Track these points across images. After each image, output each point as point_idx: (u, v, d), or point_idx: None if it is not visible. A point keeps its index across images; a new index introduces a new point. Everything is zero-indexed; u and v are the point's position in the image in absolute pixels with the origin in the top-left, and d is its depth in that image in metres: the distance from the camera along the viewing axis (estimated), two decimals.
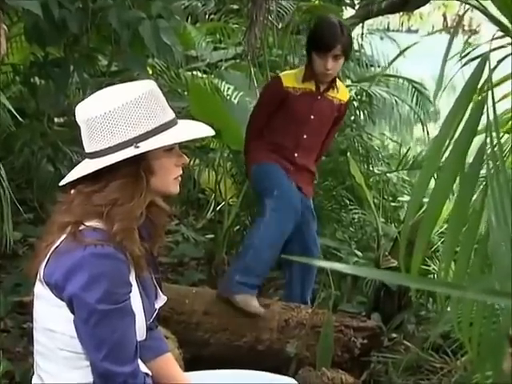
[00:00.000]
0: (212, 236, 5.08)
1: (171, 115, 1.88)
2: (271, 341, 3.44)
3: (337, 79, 3.59)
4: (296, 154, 3.58)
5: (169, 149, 1.86)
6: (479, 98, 1.00)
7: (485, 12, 1.32)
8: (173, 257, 4.95)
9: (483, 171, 0.98)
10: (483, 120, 1.03)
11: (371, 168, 5.23)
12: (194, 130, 1.92)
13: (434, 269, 3.64)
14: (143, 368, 1.94)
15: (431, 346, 3.52)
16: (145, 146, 1.79)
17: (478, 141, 1.01)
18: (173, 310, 3.52)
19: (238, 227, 4.96)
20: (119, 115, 1.79)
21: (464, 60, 1.46)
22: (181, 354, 3.16)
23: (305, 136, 3.57)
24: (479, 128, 1.03)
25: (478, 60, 1.06)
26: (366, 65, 6.19)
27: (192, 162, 5.10)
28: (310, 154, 3.64)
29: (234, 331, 3.50)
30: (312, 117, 3.54)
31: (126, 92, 1.83)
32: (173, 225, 5.47)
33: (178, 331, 3.39)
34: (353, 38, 3.65)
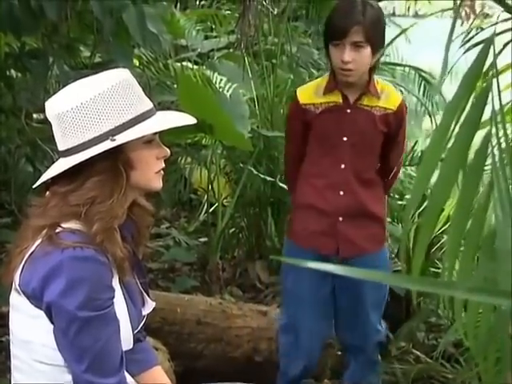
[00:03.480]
0: (205, 239, 5.08)
1: (149, 105, 1.88)
2: (270, 351, 3.43)
3: (376, 81, 2.90)
4: (341, 192, 2.90)
5: (148, 141, 1.86)
6: (484, 85, 1.01)
7: None
8: (163, 262, 4.95)
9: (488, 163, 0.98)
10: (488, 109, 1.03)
11: None
12: (174, 118, 1.92)
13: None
14: (131, 382, 1.95)
15: (442, 354, 3.52)
16: (121, 138, 1.79)
17: (482, 131, 1.01)
18: (164, 319, 3.53)
19: (233, 229, 4.97)
20: (92, 107, 1.79)
21: (471, 46, 1.46)
22: (172, 366, 3.16)
23: (342, 166, 2.88)
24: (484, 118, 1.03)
25: (482, 44, 1.06)
26: None
27: (183, 161, 5.12)
28: (359, 190, 2.92)
29: (230, 342, 3.50)
30: (345, 138, 2.86)
31: (98, 82, 1.83)
32: (163, 228, 5.49)
33: (170, 342, 3.39)
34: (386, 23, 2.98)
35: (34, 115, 4.41)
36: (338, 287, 2.99)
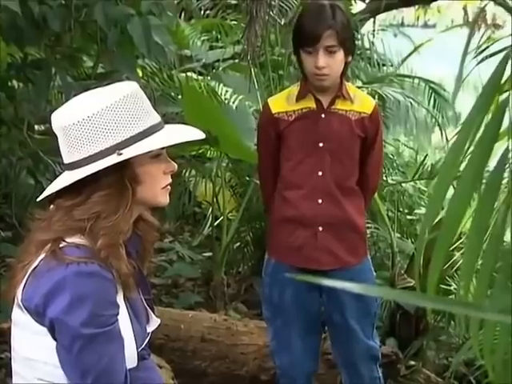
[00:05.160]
0: (210, 254, 5.08)
1: (156, 118, 1.89)
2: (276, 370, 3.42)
3: (348, 85, 2.91)
4: (320, 201, 2.86)
5: (155, 155, 1.87)
6: (500, 100, 1.01)
7: (503, 4, 1.32)
8: (166, 277, 4.95)
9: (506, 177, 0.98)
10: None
11: (385, 177, 5.23)
12: (182, 133, 1.93)
13: (455, 289, 3.64)
14: None
15: (454, 374, 3.51)
16: (128, 153, 1.79)
17: (500, 145, 1.02)
18: (167, 336, 3.53)
19: (238, 244, 4.96)
20: (99, 121, 1.79)
21: (484, 58, 1.47)
22: None
23: (320, 173, 2.85)
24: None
25: (500, 56, 1.06)
26: (378, 64, 6.21)
27: (187, 173, 5.12)
28: (341, 198, 2.88)
29: (235, 359, 3.50)
30: (321, 144, 2.84)
31: (106, 95, 1.83)
32: (167, 242, 5.48)
33: (173, 360, 3.39)
34: (355, 26, 3.00)
35: (36, 127, 4.42)
36: (324, 301, 2.98)
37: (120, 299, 1.83)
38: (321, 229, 2.88)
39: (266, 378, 3.45)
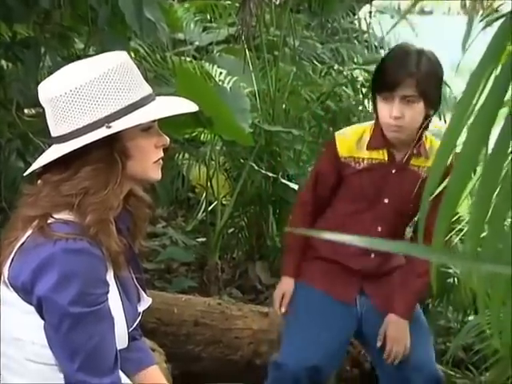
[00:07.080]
0: (203, 239, 5.05)
1: (148, 90, 1.85)
2: (271, 354, 3.39)
3: (428, 138, 2.68)
4: (373, 255, 2.74)
5: (146, 128, 1.82)
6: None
7: None
8: (159, 262, 4.91)
9: None
10: None
11: None
12: (173, 105, 1.89)
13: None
14: (126, 382, 1.91)
15: (452, 359, 3.49)
16: (118, 126, 1.75)
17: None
18: (160, 320, 3.49)
19: (232, 229, 4.93)
20: (87, 92, 1.75)
21: (490, 22, 1.43)
22: (169, 369, 3.12)
23: (379, 229, 2.70)
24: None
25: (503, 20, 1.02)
26: (376, 47, 6.18)
27: (180, 157, 5.09)
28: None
29: (229, 344, 3.47)
30: (386, 200, 2.68)
31: (94, 66, 1.79)
32: (160, 227, 5.44)
33: (166, 344, 3.35)
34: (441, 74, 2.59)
35: (26, 111, 4.37)
36: (367, 333, 2.80)
37: (110, 277, 1.80)
38: (366, 278, 2.77)
39: (260, 363, 3.41)
